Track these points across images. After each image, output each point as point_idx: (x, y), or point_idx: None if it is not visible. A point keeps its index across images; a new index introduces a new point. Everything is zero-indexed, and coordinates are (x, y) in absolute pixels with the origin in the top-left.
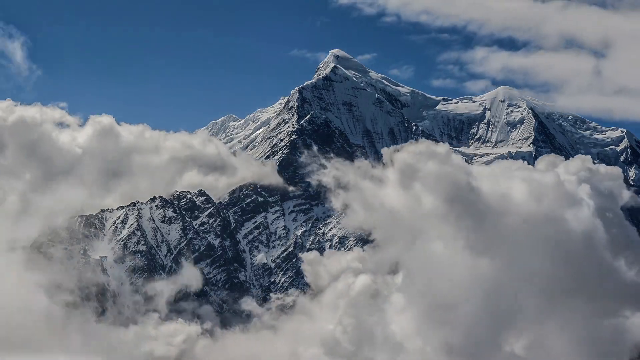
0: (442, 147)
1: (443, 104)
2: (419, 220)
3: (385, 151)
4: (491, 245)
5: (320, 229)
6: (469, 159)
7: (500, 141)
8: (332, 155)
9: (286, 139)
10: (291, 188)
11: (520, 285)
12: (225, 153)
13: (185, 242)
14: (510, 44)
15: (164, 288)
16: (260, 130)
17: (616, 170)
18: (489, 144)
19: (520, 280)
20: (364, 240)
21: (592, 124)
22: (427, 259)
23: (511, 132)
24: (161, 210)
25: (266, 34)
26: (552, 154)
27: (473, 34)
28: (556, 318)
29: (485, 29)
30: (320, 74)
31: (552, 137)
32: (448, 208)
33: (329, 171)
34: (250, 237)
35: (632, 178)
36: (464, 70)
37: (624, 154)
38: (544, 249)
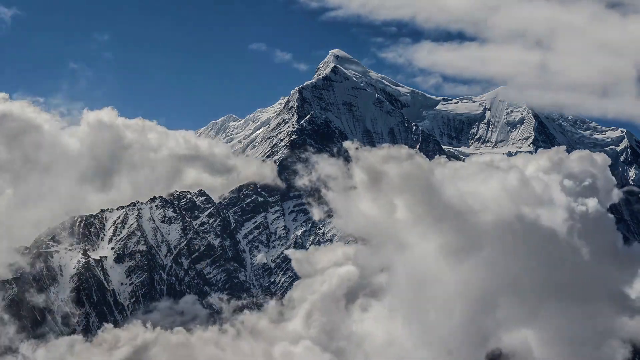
0: (405, 150)
1: (443, 104)
2: (394, 227)
3: (349, 146)
4: (470, 248)
5: (320, 229)
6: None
7: (501, 141)
8: (328, 155)
9: (286, 139)
10: (291, 188)
11: (501, 289)
12: (226, 153)
13: (185, 242)
14: (456, 37)
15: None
16: (260, 130)
17: (600, 157)
18: (489, 144)
19: (499, 284)
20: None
21: (592, 124)
22: (408, 264)
23: (511, 132)
24: (161, 210)
25: (222, 29)
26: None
27: (420, 28)
28: (540, 321)
29: (432, 22)
30: (320, 74)
31: (552, 137)
32: (422, 213)
33: (320, 172)
34: (250, 237)
35: (632, 178)
36: (413, 66)
37: (624, 154)
38: (519, 251)
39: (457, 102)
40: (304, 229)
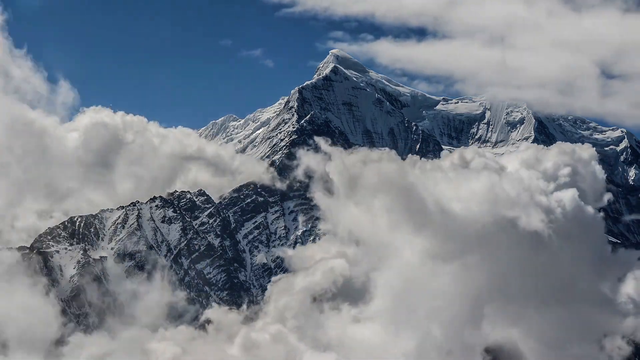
0: (377, 153)
1: (443, 104)
2: (377, 232)
3: (320, 142)
4: (452, 252)
5: (320, 229)
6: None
7: (500, 141)
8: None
9: (286, 139)
10: (291, 188)
11: (487, 294)
12: (225, 153)
13: (185, 242)
14: (416, 34)
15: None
16: (260, 130)
17: (586, 151)
18: (489, 144)
19: (484, 289)
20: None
21: (592, 124)
22: (392, 269)
23: (511, 132)
24: (161, 210)
25: (191, 24)
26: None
27: (379, 24)
28: (523, 324)
29: (391, 18)
30: (320, 74)
31: (552, 137)
32: (403, 217)
33: (308, 172)
34: (250, 237)
35: (632, 178)
36: (377, 64)
37: (624, 154)
38: (501, 255)
39: (457, 102)
40: (304, 229)
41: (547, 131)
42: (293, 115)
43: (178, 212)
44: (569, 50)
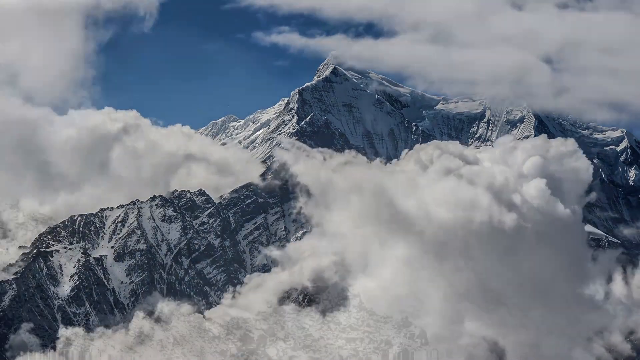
0: (346, 156)
1: (443, 104)
2: (356, 237)
3: (284, 140)
4: (433, 258)
5: (306, 229)
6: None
7: None
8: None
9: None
10: (291, 189)
11: (463, 296)
12: (226, 153)
13: (185, 241)
14: (365, 30)
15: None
16: (261, 131)
17: (567, 146)
18: (489, 143)
19: (465, 292)
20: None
21: (592, 124)
22: (372, 274)
23: (511, 130)
24: (161, 209)
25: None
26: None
27: (326, 20)
28: (504, 326)
29: (337, 14)
30: (320, 75)
31: (553, 136)
32: (379, 225)
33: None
34: (251, 237)
35: (632, 178)
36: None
37: (624, 154)
38: (478, 257)
39: (457, 102)
40: (304, 230)
41: (547, 130)
42: (293, 116)
43: (178, 211)
44: (514, 46)
